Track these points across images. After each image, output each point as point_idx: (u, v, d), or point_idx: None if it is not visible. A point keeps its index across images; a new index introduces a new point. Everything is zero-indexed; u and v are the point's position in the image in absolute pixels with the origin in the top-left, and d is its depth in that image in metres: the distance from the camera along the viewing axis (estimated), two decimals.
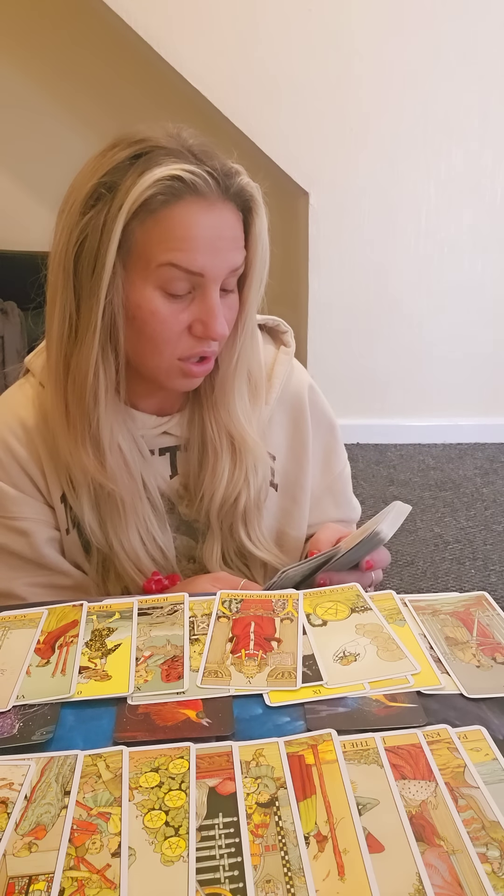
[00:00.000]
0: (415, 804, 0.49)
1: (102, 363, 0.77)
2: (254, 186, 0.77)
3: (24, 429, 0.85)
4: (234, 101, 2.44)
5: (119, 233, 0.71)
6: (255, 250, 0.78)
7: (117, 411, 0.82)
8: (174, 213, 0.71)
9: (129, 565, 0.87)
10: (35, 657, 0.65)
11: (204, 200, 0.72)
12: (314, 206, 2.61)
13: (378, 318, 2.79)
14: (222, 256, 0.74)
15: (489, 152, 2.58)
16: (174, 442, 0.89)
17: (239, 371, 0.84)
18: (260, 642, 0.66)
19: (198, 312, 0.76)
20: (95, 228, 0.71)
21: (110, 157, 0.72)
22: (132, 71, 2.75)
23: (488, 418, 2.96)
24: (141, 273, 0.74)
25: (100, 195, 0.71)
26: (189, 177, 0.70)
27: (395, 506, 0.79)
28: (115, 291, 0.73)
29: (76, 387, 0.77)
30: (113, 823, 0.48)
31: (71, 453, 0.81)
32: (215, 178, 0.72)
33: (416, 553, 2.17)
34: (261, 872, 0.44)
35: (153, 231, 0.72)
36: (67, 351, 0.77)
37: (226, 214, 0.74)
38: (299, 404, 0.93)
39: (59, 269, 0.75)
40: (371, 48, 2.43)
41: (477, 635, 0.67)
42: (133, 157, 0.71)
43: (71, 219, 0.73)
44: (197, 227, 0.72)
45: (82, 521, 0.86)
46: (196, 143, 0.74)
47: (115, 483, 0.82)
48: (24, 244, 2.49)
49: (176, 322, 0.76)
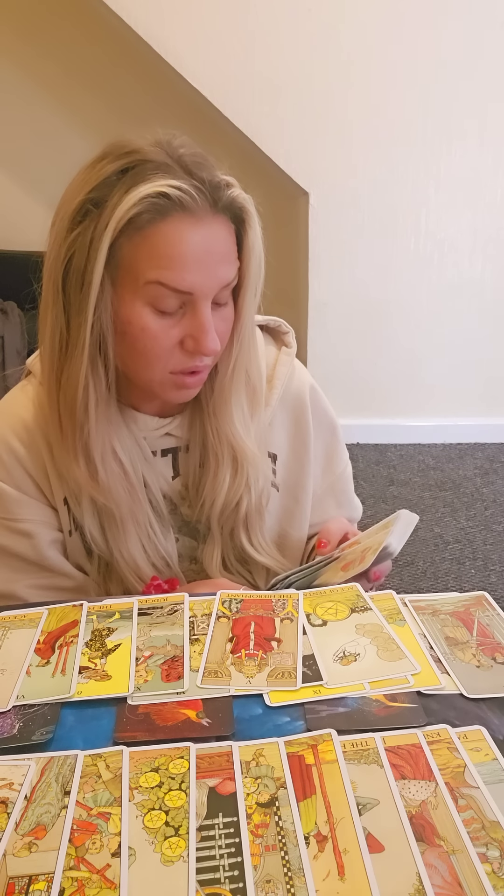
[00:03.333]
0: (415, 804, 0.49)
1: (92, 378, 0.76)
2: (245, 198, 0.75)
3: (26, 430, 0.85)
4: (234, 101, 2.44)
5: (106, 250, 0.70)
6: (248, 261, 0.77)
7: (112, 420, 0.81)
8: (161, 231, 0.71)
9: (129, 572, 0.87)
10: (35, 657, 0.65)
11: (192, 216, 0.71)
12: (314, 206, 2.61)
13: (378, 318, 2.79)
14: (212, 272, 0.73)
15: (489, 152, 2.58)
16: (176, 443, 0.89)
17: (236, 379, 0.84)
18: (260, 642, 0.66)
19: (189, 328, 0.75)
20: (83, 245, 0.71)
21: (98, 171, 0.71)
22: (132, 71, 2.75)
23: (488, 418, 2.96)
24: (129, 289, 0.73)
25: (87, 211, 0.71)
26: (176, 193, 0.69)
27: (401, 515, 0.78)
28: (104, 308, 0.73)
29: (67, 400, 0.77)
30: (113, 823, 0.48)
31: (65, 464, 0.81)
32: (203, 193, 0.71)
33: (416, 553, 2.17)
34: (261, 872, 0.44)
35: (141, 248, 0.71)
36: (58, 365, 0.77)
37: (215, 228, 0.73)
38: (301, 405, 0.93)
39: (49, 283, 0.75)
40: (371, 48, 2.43)
41: (477, 635, 0.67)
42: (120, 172, 0.70)
43: (60, 234, 0.73)
44: (184, 244, 0.71)
45: (83, 526, 0.86)
46: (186, 154, 0.72)
47: (107, 496, 0.82)
48: (24, 244, 2.48)
49: (167, 338, 0.75)
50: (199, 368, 0.79)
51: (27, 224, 2.23)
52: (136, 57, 2.57)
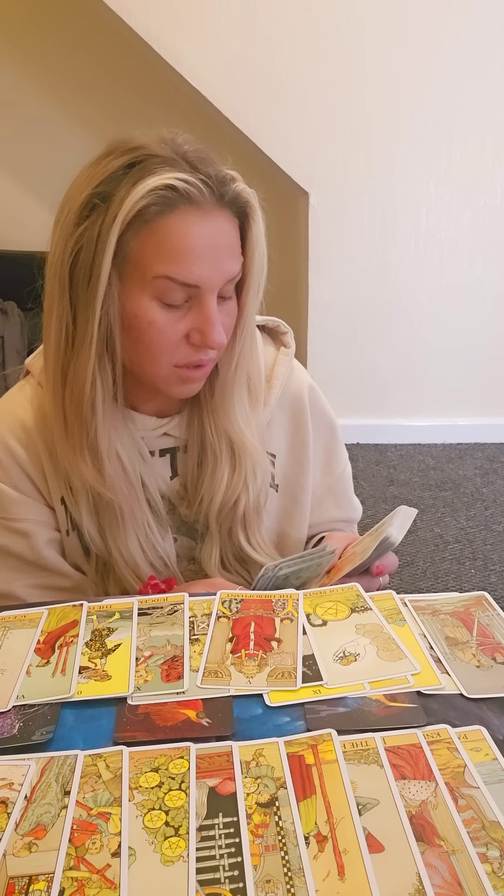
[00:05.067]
0: (415, 804, 0.49)
1: (99, 373, 0.76)
2: (249, 192, 0.76)
3: (24, 430, 0.85)
4: (234, 101, 2.44)
5: (114, 244, 0.70)
6: (252, 256, 0.78)
7: (115, 418, 0.81)
8: (169, 224, 0.71)
9: (127, 572, 0.87)
10: (35, 657, 0.65)
11: (199, 209, 0.72)
12: (314, 206, 2.61)
13: (378, 318, 2.79)
14: (218, 266, 0.74)
15: (489, 152, 2.58)
16: (174, 443, 0.89)
17: (238, 376, 0.84)
18: (260, 642, 0.66)
19: (195, 321, 0.75)
20: (90, 239, 0.71)
21: (104, 167, 0.71)
22: (132, 71, 2.75)
23: (488, 418, 2.96)
24: (137, 283, 0.73)
25: (94, 205, 0.71)
26: (183, 185, 0.70)
27: (401, 510, 0.79)
28: (111, 302, 0.73)
29: (73, 396, 0.77)
30: (113, 823, 0.48)
31: (69, 462, 0.81)
32: (210, 186, 0.72)
33: (416, 553, 2.17)
34: (261, 872, 0.44)
35: (148, 241, 0.71)
36: (64, 361, 0.77)
37: (221, 222, 0.74)
38: (299, 405, 0.93)
39: (55, 279, 0.75)
40: (371, 48, 2.43)
41: (477, 635, 0.67)
42: (127, 167, 0.71)
43: (66, 229, 0.73)
44: (192, 238, 0.71)
45: (81, 526, 0.86)
46: (191, 150, 0.73)
47: (113, 492, 0.82)
48: (24, 244, 2.49)
49: (173, 331, 0.76)
50: (204, 362, 0.79)
51: (28, 224, 2.23)
52: (136, 57, 2.57)
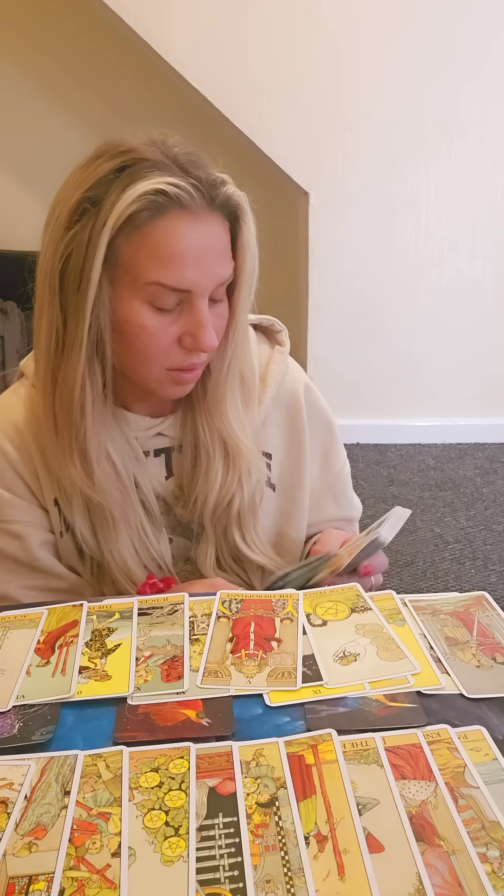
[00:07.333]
0: (415, 804, 0.49)
1: (89, 376, 0.76)
2: (240, 195, 0.76)
3: (16, 431, 0.85)
4: (234, 101, 2.44)
5: (104, 248, 0.70)
6: (243, 259, 0.77)
7: (105, 420, 0.81)
8: (160, 228, 0.71)
9: (120, 574, 0.87)
10: (35, 657, 0.65)
11: (189, 213, 0.71)
12: (314, 206, 2.61)
13: (378, 318, 2.79)
14: (209, 270, 0.74)
15: (489, 152, 2.58)
16: (168, 443, 0.89)
17: (231, 377, 0.84)
18: (260, 642, 0.66)
19: (186, 325, 0.75)
20: (80, 244, 0.71)
21: (94, 170, 0.71)
22: (131, 70, 2.75)
23: (488, 418, 2.96)
24: (128, 288, 0.73)
25: (84, 210, 0.71)
26: (173, 190, 0.70)
27: (395, 511, 0.79)
28: (102, 306, 0.73)
29: (63, 399, 0.77)
30: (113, 823, 0.48)
31: (59, 464, 0.81)
32: (200, 190, 0.72)
33: (416, 553, 2.17)
34: (261, 872, 0.44)
35: (139, 246, 0.71)
36: (55, 365, 0.77)
37: (212, 226, 0.74)
38: (295, 403, 0.93)
39: (45, 283, 0.74)
40: (370, 48, 2.43)
41: (477, 635, 0.67)
42: (117, 170, 0.70)
43: (56, 233, 0.73)
44: (183, 242, 0.71)
45: (74, 528, 0.87)
46: (181, 153, 0.73)
47: (102, 496, 0.82)
48: (24, 244, 2.48)
49: (165, 335, 0.76)
50: (196, 365, 0.79)
51: (27, 224, 2.23)
52: (135, 56, 2.57)
